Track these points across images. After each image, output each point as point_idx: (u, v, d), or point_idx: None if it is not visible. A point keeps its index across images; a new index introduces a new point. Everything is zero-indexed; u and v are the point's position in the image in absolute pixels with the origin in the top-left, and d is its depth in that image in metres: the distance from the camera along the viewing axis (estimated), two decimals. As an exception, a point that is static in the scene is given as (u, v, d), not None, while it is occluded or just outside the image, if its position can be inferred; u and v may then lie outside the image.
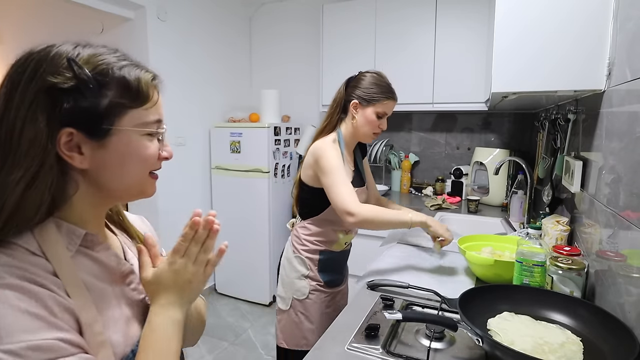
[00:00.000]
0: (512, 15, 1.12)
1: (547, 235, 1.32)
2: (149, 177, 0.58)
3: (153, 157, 0.57)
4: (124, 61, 0.54)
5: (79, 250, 0.54)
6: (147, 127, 0.55)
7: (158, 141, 0.58)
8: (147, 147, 0.56)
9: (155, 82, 0.57)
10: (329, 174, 1.29)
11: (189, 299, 0.60)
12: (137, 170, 0.56)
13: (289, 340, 1.45)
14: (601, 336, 0.79)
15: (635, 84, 0.81)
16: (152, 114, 0.56)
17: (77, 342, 0.46)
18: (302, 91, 3.35)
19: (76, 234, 0.53)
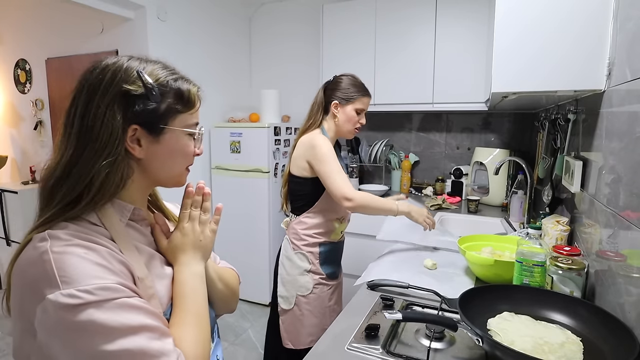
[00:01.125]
0: (512, 15, 1.12)
1: (547, 235, 1.32)
2: (185, 170, 0.71)
3: (192, 153, 0.70)
4: (176, 75, 0.67)
5: (129, 223, 0.65)
6: (190, 129, 0.68)
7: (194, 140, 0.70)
8: (189, 145, 0.69)
9: (199, 93, 0.70)
10: (325, 163, 1.39)
11: (203, 254, 0.70)
12: (179, 163, 0.69)
13: (294, 340, 1.46)
14: (601, 336, 0.79)
15: (635, 84, 0.81)
16: (194, 118, 0.69)
17: (133, 288, 0.56)
18: (302, 91, 3.35)
19: (127, 208, 0.65)
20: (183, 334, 0.60)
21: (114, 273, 0.55)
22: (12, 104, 3.59)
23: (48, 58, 3.19)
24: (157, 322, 0.55)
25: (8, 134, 3.67)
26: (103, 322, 0.50)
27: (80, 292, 0.50)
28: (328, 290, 1.48)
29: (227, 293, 0.82)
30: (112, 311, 0.51)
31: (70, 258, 0.52)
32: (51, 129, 3.29)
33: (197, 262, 0.69)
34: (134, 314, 0.53)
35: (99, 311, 0.50)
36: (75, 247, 0.54)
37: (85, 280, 0.51)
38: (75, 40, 3.00)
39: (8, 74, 3.55)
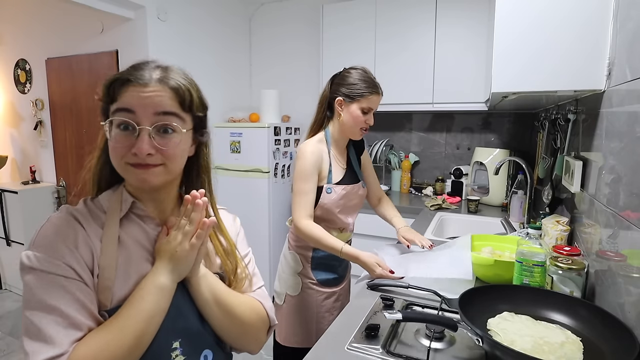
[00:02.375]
0: (512, 15, 1.12)
1: (547, 235, 1.32)
2: (127, 166, 0.66)
3: (121, 149, 0.65)
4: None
5: (132, 216, 0.69)
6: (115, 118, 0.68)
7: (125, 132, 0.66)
8: (117, 140, 0.65)
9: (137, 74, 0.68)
10: (296, 180, 1.34)
11: (175, 266, 0.66)
12: (115, 159, 0.66)
13: (281, 335, 1.47)
14: (601, 336, 0.79)
15: (635, 84, 0.81)
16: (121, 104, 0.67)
17: (80, 273, 0.60)
18: (302, 91, 3.35)
19: (127, 200, 0.69)
20: (95, 337, 0.58)
21: (71, 253, 0.60)
22: (12, 104, 3.59)
23: (48, 58, 3.18)
24: (76, 311, 0.57)
25: (8, 134, 3.67)
26: (32, 289, 0.57)
27: (34, 256, 0.59)
28: (319, 296, 1.43)
29: (229, 323, 0.72)
30: (43, 283, 0.57)
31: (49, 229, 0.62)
32: (51, 129, 3.28)
33: (166, 273, 0.65)
34: (57, 294, 0.57)
35: (35, 278, 0.58)
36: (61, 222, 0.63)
37: (43, 249, 0.59)
38: (75, 40, 3.00)
39: (8, 74, 3.55)
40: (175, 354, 0.66)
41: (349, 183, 1.45)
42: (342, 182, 1.43)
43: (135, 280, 0.65)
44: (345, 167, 1.48)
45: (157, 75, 0.66)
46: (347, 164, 1.50)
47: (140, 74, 0.65)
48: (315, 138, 1.41)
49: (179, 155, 0.69)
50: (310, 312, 1.43)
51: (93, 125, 2.99)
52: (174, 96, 0.66)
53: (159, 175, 0.67)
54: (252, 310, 0.76)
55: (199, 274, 0.69)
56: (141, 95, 0.64)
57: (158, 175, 0.66)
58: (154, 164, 0.65)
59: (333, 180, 1.41)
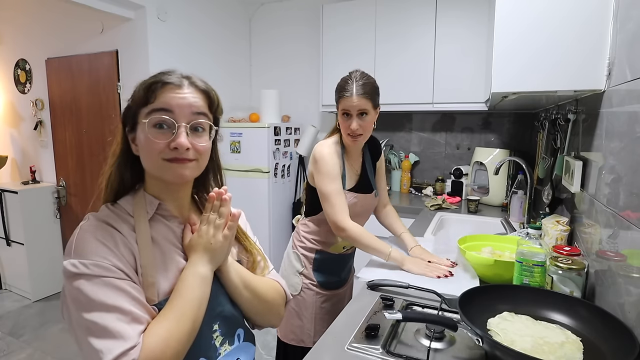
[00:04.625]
0: (512, 16, 1.12)
1: (547, 235, 1.32)
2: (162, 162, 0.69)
3: (160, 144, 0.69)
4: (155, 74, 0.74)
5: (157, 217, 0.73)
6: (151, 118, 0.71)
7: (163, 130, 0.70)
8: (156, 136, 0.69)
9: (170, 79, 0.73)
10: (324, 181, 1.31)
11: (211, 256, 0.72)
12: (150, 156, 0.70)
13: (282, 332, 1.47)
14: (601, 336, 0.79)
15: (635, 84, 0.81)
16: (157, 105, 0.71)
17: (127, 272, 0.64)
18: (302, 91, 3.35)
19: (153, 203, 0.73)
20: (157, 327, 0.62)
21: (115, 255, 0.63)
22: (12, 104, 3.59)
23: (48, 58, 3.19)
24: (134, 307, 0.61)
25: (8, 134, 3.67)
26: (87, 293, 0.59)
27: (80, 263, 0.61)
28: (319, 298, 1.43)
29: (257, 303, 0.81)
30: (97, 286, 0.60)
31: (86, 235, 0.64)
32: (51, 129, 3.29)
33: (204, 264, 0.71)
34: (113, 293, 0.60)
35: (87, 283, 0.60)
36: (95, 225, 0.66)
37: (88, 255, 0.62)
38: (75, 40, 3.00)
39: (8, 74, 3.55)
40: (216, 335, 0.74)
41: (361, 191, 1.42)
42: (354, 189, 1.41)
43: (175, 274, 0.70)
44: (359, 174, 1.45)
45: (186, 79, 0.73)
46: (362, 171, 1.46)
47: (173, 78, 0.71)
48: (332, 139, 1.40)
49: (208, 152, 0.76)
50: (310, 312, 1.43)
51: (93, 125, 2.99)
52: (204, 98, 0.74)
53: (193, 169, 0.72)
54: (274, 290, 0.86)
55: (227, 262, 0.76)
56: (178, 96, 0.70)
57: (192, 169, 0.72)
58: (190, 159, 0.70)
59: (346, 186, 1.38)
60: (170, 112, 0.69)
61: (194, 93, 0.72)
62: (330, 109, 2.96)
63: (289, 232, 3.16)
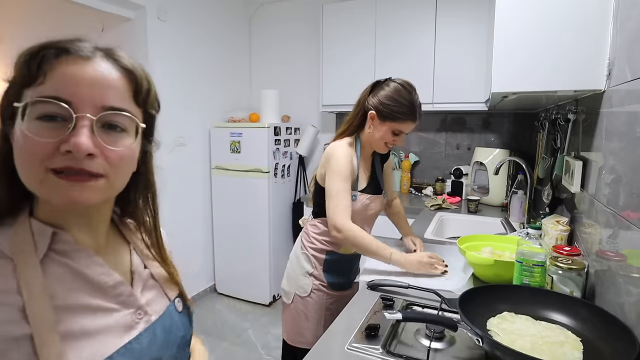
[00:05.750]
0: (512, 15, 1.12)
1: (547, 235, 1.32)
2: (44, 172, 0.45)
3: (46, 147, 0.45)
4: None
5: (51, 256, 0.48)
6: (33, 105, 0.46)
7: (49, 124, 0.45)
8: (39, 134, 0.45)
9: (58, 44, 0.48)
10: (333, 179, 1.28)
11: None
12: (26, 164, 0.46)
13: (288, 335, 1.46)
14: (601, 336, 0.79)
15: (635, 84, 0.81)
16: (44, 91, 0.46)
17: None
18: (302, 91, 3.35)
19: (44, 232, 0.48)
20: None
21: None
22: (12, 104, 3.59)
23: (48, 58, 3.18)
24: None
25: (8, 134, 3.67)
26: None
27: None
28: (328, 298, 1.42)
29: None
30: None
31: None
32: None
33: None
34: None
35: None
36: None
37: None
38: (75, 40, 2.99)
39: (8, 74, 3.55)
40: None
41: (372, 193, 1.43)
42: (366, 190, 1.41)
43: (99, 333, 0.48)
44: (369, 176, 1.45)
45: (102, 51, 0.49)
46: (371, 173, 1.47)
47: (79, 45, 0.47)
48: (346, 140, 1.36)
49: (128, 164, 0.51)
50: (318, 314, 1.41)
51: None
52: (127, 81, 0.50)
53: (98, 191, 0.47)
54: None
55: None
56: (84, 72, 0.46)
57: (97, 191, 0.47)
58: (93, 174, 0.46)
59: (359, 187, 1.39)
60: (68, 96, 0.45)
61: (111, 71, 0.48)
62: (330, 109, 2.96)
63: (289, 232, 3.16)
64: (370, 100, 1.33)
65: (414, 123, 1.31)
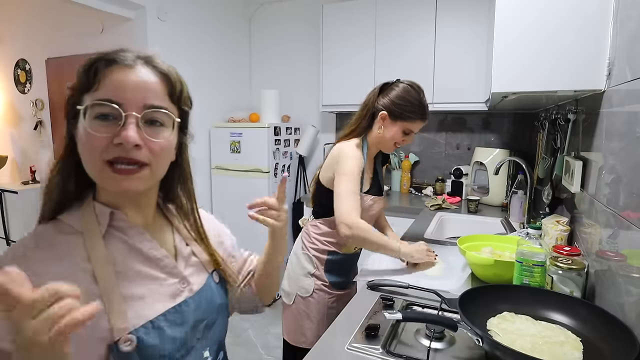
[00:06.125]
0: (512, 15, 1.12)
1: (547, 235, 1.32)
2: (103, 165, 0.55)
3: (102, 141, 0.55)
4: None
5: (112, 232, 0.60)
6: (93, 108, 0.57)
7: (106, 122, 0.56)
8: (98, 130, 0.55)
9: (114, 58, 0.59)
10: (343, 180, 1.28)
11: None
12: (90, 156, 0.56)
13: (290, 335, 1.46)
14: (601, 336, 0.79)
15: (635, 84, 0.81)
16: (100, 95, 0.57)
17: None
18: (302, 91, 3.35)
19: (104, 213, 0.59)
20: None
21: None
22: (12, 104, 3.59)
23: (48, 58, 3.19)
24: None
25: (8, 134, 3.67)
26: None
27: None
28: (330, 298, 1.42)
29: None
30: None
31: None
32: (51, 129, 3.29)
33: None
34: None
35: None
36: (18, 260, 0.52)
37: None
38: (75, 40, 3.00)
39: (8, 74, 3.55)
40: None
41: (375, 194, 1.44)
42: (370, 192, 1.42)
43: (149, 293, 0.59)
44: (372, 177, 1.47)
45: (142, 59, 0.59)
46: (374, 174, 1.48)
47: (124, 55, 0.57)
48: (354, 141, 1.36)
49: (167, 154, 0.61)
50: (321, 313, 1.42)
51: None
52: (164, 83, 0.59)
53: (143, 180, 0.58)
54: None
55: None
56: (129, 78, 0.56)
57: (143, 180, 0.57)
58: (139, 163, 0.56)
59: (363, 189, 1.39)
60: (117, 99, 0.55)
61: (150, 76, 0.58)
62: (330, 108, 2.96)
63: (289, 232, 3.15)
64: (380, 100, 1.35)
65: (424, 122, 1.35)
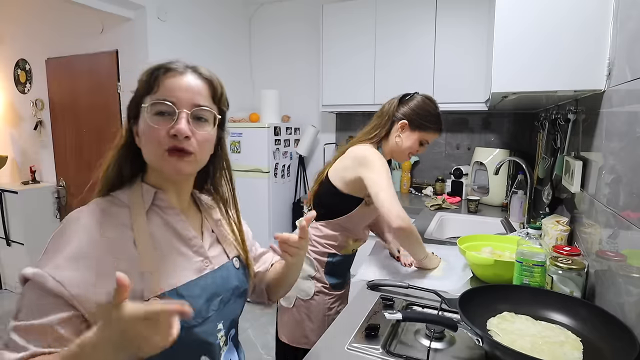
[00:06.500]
0: (512, 15, 1.12)
1: (547, 235, 1.32)
2: (163, 152, 0.67)
3: (160, 133, 0.67)
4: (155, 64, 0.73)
5: (154, 209, 0.72)
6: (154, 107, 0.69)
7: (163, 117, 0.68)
8: (158, 123, 0.67)
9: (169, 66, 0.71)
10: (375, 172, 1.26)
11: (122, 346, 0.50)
12: (151, 146, 0.68)
13: (290, 336, 1.45)
14: (601, 336, 0.79)
15: (635, 84, 0.81)
16: (161, 96, 0.69)
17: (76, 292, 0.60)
18: (302, 91, 3.35)
19: (150, 192, 0.71)
20: None
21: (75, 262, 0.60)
22: (12, 104, 3.59)
23: (48, 58, 3.18)
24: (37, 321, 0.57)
25: (8, 134, 3.67)
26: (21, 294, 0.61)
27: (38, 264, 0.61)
28: (330, 299, 1.43)
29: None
30: (26, 291, 0.60)
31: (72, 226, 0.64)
32: (51, 129, 3.28)
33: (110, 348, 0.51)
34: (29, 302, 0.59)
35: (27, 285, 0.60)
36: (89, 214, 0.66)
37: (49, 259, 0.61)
38: (75, 40, 3.00)
39: (8, 74, 3.55)
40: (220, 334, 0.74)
41: None
42: None
43: (177, 265, 0.70)
44: None
45: (190, 68, 0.71)
46: None
47: (176, 65, 0.70)
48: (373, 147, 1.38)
49: (209, 145, 0.73)
50: (321, 314, 1.42)
51: (93, 125, 2.99)
52: (208, 87, 0.72)
53: (191, 164, 0.70)
54: None
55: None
56: (181, 82, 0.68)
57: (191, 164, 0.70)
58: (188, 151, 0.68)
59: None
60: (172, 99, 0.67)
61: (197, 81, 0.71)
62: (330, 109, 2.96)
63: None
64: (401, 109, 1.38)
65: (438, 134, 1.40)
